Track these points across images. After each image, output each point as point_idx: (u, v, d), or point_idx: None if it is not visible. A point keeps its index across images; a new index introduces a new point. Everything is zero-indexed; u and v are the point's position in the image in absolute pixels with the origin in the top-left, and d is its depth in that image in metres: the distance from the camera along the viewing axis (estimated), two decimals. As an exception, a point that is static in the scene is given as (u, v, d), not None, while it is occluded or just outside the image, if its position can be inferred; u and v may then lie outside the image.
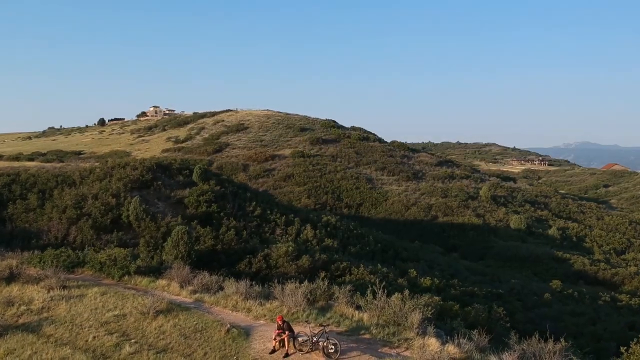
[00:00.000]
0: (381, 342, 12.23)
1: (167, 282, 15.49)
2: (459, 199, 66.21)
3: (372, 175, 74.71)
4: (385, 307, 12.92)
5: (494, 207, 66.64)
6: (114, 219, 27.77)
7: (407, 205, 63.78)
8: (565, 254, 49.34)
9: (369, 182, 71.20)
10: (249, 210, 32.91)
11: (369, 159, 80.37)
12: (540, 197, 79.68)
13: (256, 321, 13.72)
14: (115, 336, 12.08)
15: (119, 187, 30.35)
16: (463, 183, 75.65)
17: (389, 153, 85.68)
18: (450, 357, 9.89)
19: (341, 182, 69.27)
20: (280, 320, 12.52)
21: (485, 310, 17.51)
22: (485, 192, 70.01)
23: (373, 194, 66.55)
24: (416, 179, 75.77)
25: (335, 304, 14.10)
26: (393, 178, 74.38)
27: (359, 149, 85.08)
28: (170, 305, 13.60)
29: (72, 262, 17.62)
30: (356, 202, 64.70)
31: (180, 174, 34.70)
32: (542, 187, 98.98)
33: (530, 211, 69.02)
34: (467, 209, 63.54)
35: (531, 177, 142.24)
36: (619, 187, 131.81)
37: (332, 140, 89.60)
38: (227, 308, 14.11)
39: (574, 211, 75.52)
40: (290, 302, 13.86)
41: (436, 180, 75.71)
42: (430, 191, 69.49)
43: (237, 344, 12.12)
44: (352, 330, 13.11)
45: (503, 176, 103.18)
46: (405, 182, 73.02)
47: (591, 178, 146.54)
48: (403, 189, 70.24)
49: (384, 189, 69.30)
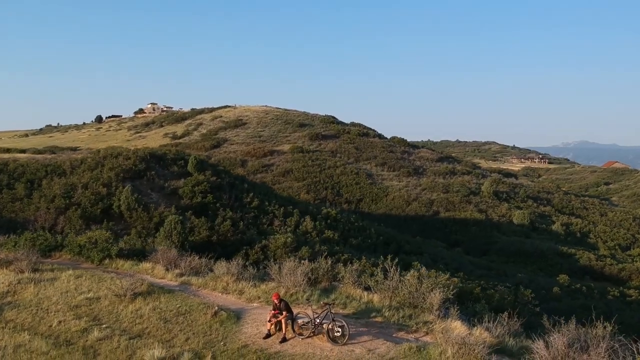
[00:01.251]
0: (396, 326, 10.78)
1: (151, 265, 14.21)
2: (461, 195, 65.11)
3: (372, 170, 73.57)
4: (399, 287, 11.41)
5: (496, 202, 65.54)
6: (104, 209, 26.56)
7: (408, 201, 62.72)
8: (571, 249, 48.26)
9: (369, 177, 70.08)
10: (246, 201, 31.70)
11: (369, 155, 79.23)
12: (543, 193, 78.64)
13: (249, 304, 12.18)
14: (84, 321, 10.75)
15: (111, 176, 29.13)
16: (464, 179, 74.52)
17: (389, 149, 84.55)
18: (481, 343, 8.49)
19: (341, 177, 68.16)
20: (277, 299, 10.83)
21: (511, 292, 16.22)
22: (487, 188, 68.89)
23: (373, 190, 65.46)
24: (417, 174, 74.63)
25: (340, 285, 12.58)
26: (393, 173, 73.27)
27: (359, 145, 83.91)
28: (151, 288, 12.16)
29: (50, 245, 16.38)
30: (356, 198, 63.58)
31: (175, 165, 33.47)
32: (545, 184, 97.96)
33: (533, 207, 67.94)
34: (469, 204, 62.48)
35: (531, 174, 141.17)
36: (620, 185, 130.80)
37: (332, 136, 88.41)
38: (217, 290, 12.64)
39: (577, 207, 74.48)
40: (288, 282, 12.25)
41: (437, 175, 74.57)
42: (432, 186, 68.38)
43: (226, 328, 10.75)
44: (361, 312, 11.65)
45: (504, 173, 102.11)
46: (405, 178, 71.88)
47: (592, 176, 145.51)
48: (404, 184, 69.12)
49: (384, 184, 68.18)
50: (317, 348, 9.93)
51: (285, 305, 10.86)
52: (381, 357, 9.27)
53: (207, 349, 9.70)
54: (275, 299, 10.86)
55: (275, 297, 10.90)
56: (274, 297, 10.95)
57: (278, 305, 10.80)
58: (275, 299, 10.86)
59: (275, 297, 10.90)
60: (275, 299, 10.88)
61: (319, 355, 9.58)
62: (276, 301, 10.85)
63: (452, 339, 8.71)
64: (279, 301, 10.86)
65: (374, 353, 9.46)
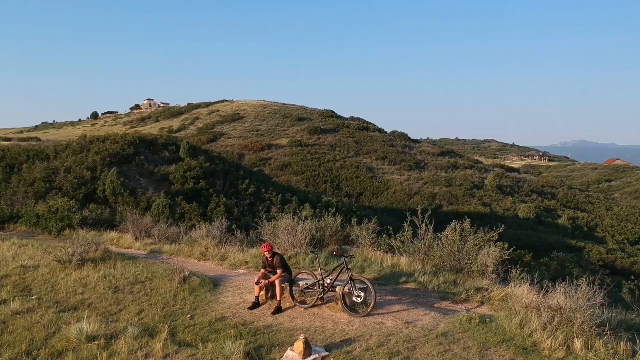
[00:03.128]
0: (437, 294, 8.17)
1: (119, 235, 12.30)
2: (464, 188, 63.41)
3: (373, 164, 71.80)
4: (435, 246, 8.97)
5: (501, 196, 63.82)
6: (88, 194, 24.67)
7: (410, 195, 60.99)
8: (580, 242, 46.54)
9: (370, 171, 68.33)
10: (241, 188, 29.84)
11: (369, 149, 77.45)
12: (547, 188, 77.04)
13: (233, 271, 9.63)
14: (6, 291, 8.66)
15: (96, 160, 27.23)
16: (467, 173, 72.85)
17: (390, 143, 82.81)
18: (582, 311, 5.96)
19: (341, 171, 66.41)
20: (268, 251, 7.90)
21: (574, 258, 14.29)
22: (491, 182, 67.20)
23: (374, 183, 63.73)
24: (418, 168, 72.90)
25: (353, 248, 10.45)
26: (394, 167, 71.51)
27: (359, 139, 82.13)
28: (107, 254, 9.97)
29: (4, 217, 14.46)
30: (356, 191, 61.83)
31: (166, 150, 31.59)
32: (548, 178, 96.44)
33: (538, 201, 66.26)
34: (473, 198, 60.84)
35: (532, 172, 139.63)
36: (621, 182, 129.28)
37: (331, 130, 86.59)
38: (193, 257, 10.33)
39: (582, 202, 72.83)
40: (286, 242, 9.65)
41: (439, 170, 72.84)
42: (434, 180, 66.64)
43: (197, 297, 8.35)
44: (386, 278, 8.93)
45: (507, 168, 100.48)
46: (407, 172, 70.13)
47: (593, 173, 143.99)
48: (405, 178, 67.37)
49: (385, 178, 66.43)
50: (327, 320, 7.15)
51: (281, 261, 7.87)
52: (428, 331, 6.68)
53: (164, 323, 7.34)
54: (266, 250, 7.90)
55: (266, 248, 7.92)
56: (264, 249, 7.93)
57: (270, 260, 7.85)
58: (266, 250, 7.90)
59: (266, 248, 7.92)
60: (265, 250, 7.91)
61: (331, 330, 6.82)
62: (267, 255, 7.87)
63: (537, 304, 6.29)
64: (271, 255, 7.88)
65: (415, 326, 6.83)
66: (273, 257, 7.90)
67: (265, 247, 7.98)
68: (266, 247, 7.96)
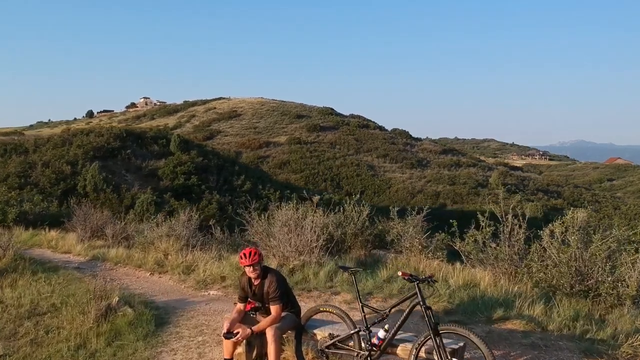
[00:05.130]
0: (569, 344, 4.49)
1: (60, 235, 10.10)
2: (468, 186, 61.64)
3: (374, 162, 69.88)
4: (533, 253, 4.99)
5: (506, 194, 61.92)
6: (67, 190, 22.46)
7: (413, 193, 59.13)
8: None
9: (371, 169, 66.43)
10: (236, 184, 27.70)
11: (370, 146, 75.52)
12: (552, 186, 75.24)
13: (199, 292, 6.14)
14: None
15: (78, 154, 25.06)
16: (470, 171, 71.07)
17: (391, 141, 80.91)
18: None
19: (341, 169, 64.52)
20: (252, 265, 4.14)
21: None
22: (495, 180, 65.40)
23: (375, 181, 61.85)
24: (421, 166, 71.01)
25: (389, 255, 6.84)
26: (396, 165, 69.62)
27: (359, 136, 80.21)
28: (18, 262, 6.94)
29: None
30: (357, 190, 59.84)
31: (155, 144, 29.45)
32: (552, 177, 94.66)
33: (544, 200, 64.42)
34: (478, 196, 58.95)
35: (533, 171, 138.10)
36: (624, 181, 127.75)
37: (331, 127, 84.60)
38: (145, 268, 7.05)
39: (589, 200, 70.98)
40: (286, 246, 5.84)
41: (442, 167, 71.03)
42: (437, 178, 64.78)
43: (119, 353, 4.78)
44: (466, 309, 5.40)
45: (509, 166, 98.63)
46: (409, 170, 68.25)
47: (594, 172, 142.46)
48: (407, 176, 65.50)
49: (386, 176, 64.57)
50: None
51: (279, 286, 4.13)
52: None
53: None
54: (249, 263, 4.13)
55: (250, 260, 4.13)
56: (245, 260, 4.15)
57: (256, 285, 4.21)
58: (249, 263, 4.13)
59: (250, 260, 4.13)
60: (248, 263, 4.14)
61: None
62: (251, 273, 4.16)
63: None
64: (258, 273, 4.17)
65: None
66: (263, 277, 4.18)
67: (246, 258, 4.14)
68: (249, 258, 4.12)
